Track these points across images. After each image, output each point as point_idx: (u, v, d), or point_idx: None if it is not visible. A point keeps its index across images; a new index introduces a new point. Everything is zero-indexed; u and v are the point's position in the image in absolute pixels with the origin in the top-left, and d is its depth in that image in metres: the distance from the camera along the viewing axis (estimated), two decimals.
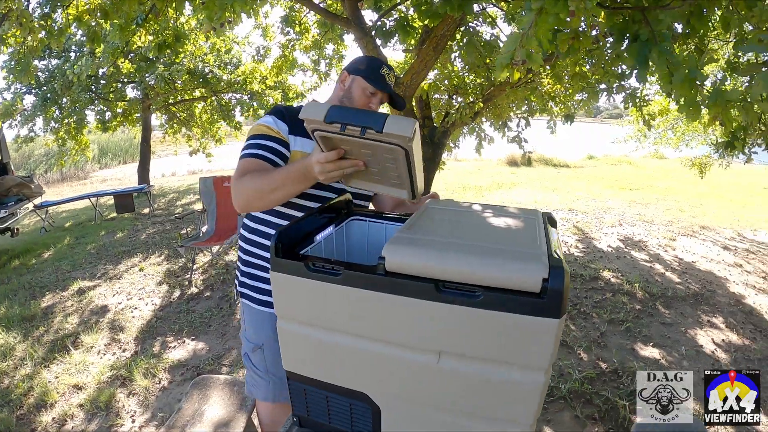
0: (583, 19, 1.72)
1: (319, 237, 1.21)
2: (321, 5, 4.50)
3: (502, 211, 1.19)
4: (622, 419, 2.51)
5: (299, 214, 1.47)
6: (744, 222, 7.60)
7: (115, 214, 8.10)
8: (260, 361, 1.57)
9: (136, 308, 4.06)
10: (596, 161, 17.45)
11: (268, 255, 1.53)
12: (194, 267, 4.88)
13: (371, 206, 1.68)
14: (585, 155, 18.36)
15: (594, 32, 2.26)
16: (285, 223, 1.48)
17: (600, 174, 13.50)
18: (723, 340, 3.42)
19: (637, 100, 4.47)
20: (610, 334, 3.46)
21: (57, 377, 3.03)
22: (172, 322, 3.77)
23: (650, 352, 3.23)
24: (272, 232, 1.51)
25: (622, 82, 4.32)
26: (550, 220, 1.15)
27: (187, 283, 4.60)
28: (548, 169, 14.57)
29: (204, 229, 5.19)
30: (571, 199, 9.02)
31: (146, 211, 8.35)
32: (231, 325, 3.69)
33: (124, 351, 3.36)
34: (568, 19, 1.61)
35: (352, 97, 1.51)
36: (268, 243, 1.51)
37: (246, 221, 1.58)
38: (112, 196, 8.35)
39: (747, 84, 3.45)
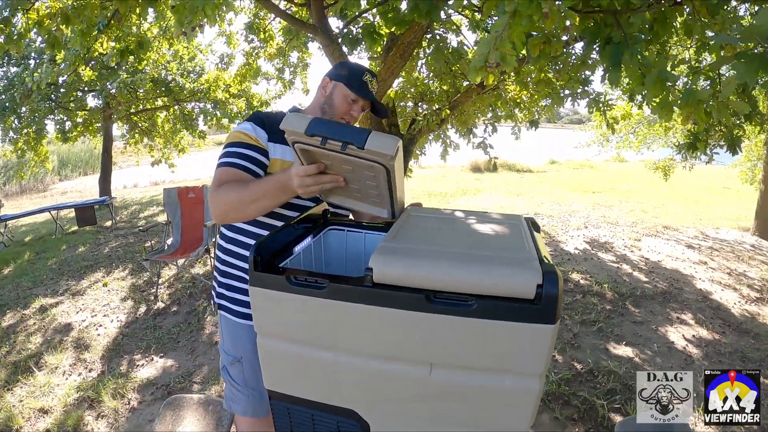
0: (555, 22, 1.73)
1: (297, 248, 1.17)
2: (288, 11, 4.45)
3: (485, 218, 1.17)
4: (601, 418, 2.53)
5: (277, 223, 1.43)
6: (706, 221, 7.86)
7: (76, 228, 7.82)
8: (239, 374, 1.51)
9: (101, 325, 3.89)
10: (558, 166, 17.80)
11: (245, 265, 1.48)
12: (160, 281, 4.72)
13: (350, 215, 1.64)
14: (547, 160, 18.70)
15: (564, 37, 2.28)
16: (263, 232, 1.43)
17: (563, 178, 13.77)
18: (693, 335, 3.50)
19: (601, 105, 4.57)
20: (582, 335, 3.50)
21: (21, 401, 2.87)
22: (139, 339, 3.63)
23: (623, 350, 3.28)
24: (250, 241, 1.46)
25: (586, 88, 4.42)
26: (533, 225, 1.13)
27: (152, 297, 4.44)
28: (512, 174, 14.78)
29: (169, 241, 5.04)
30: (536, 203, 9.16)
31: (108, 223, 8.09)
32: (200, 341, 3.57)
33: (90, 371, 3.22)
34: (539, 23, 1.62)
35: (333, 104, 1.48)
36: (245, 253, 1.46)
37: (223, 230, 1.53)
38: (73, 209, 8.07)
39: (707, 87, 3.56)
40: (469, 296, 0.79)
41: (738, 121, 3.48)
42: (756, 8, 3.54)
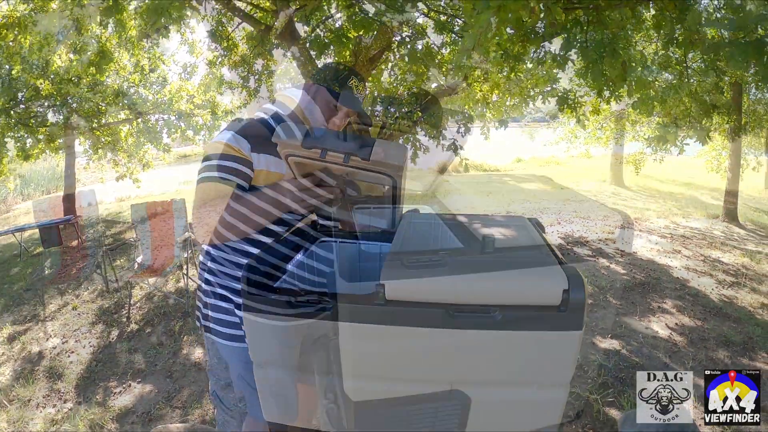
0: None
1: (290, 266, 1.10)
2: (253, 16, 4.35)
3: (489, 220, 1.13)
4: (596, 413, 2.52)
5: (264, 238, 1.32)
6: (675, 211, 8.05)
7: (41, 249, 7.50)
8: (230, 399, 1.41)
9: (73, 352, 3.71)
10: (525, 164, 17.98)
11: (234, 285, 1.37)
12: (131, 302, 4.54)
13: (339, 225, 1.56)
14: (513, 158, 18.85)
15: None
16: (250, 248, 1.33)
17: (531, 175, 13.92)
18: (676, 323, 3.54)
19: (570, 102, 4.61)
20: None
21: None
22: (114, 364, 3.46)
23: (610, 343, 3.29)
24: (236, 258, 1.35)
25: (555, 86, 4.45)
26: (538, 226, 1.09)
27: (125, 319, 4.26)
28: (479, 174, 14.85)
29: (139, 260, 4.84)
30: (507, 201, 9.22)
31: (75, 243, 7.79)
32: (178, 362, 3.43)
33: (65, 402, 3.05)
34: (524, 17, 1.58)
35: (314, 110, 1.37)
36: (232, 272, 1.36)
37: (207, 247, 1.41)
38: (37, 230, 7.74)
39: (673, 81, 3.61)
40: (492, 307, 0.74)
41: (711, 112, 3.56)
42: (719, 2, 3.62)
